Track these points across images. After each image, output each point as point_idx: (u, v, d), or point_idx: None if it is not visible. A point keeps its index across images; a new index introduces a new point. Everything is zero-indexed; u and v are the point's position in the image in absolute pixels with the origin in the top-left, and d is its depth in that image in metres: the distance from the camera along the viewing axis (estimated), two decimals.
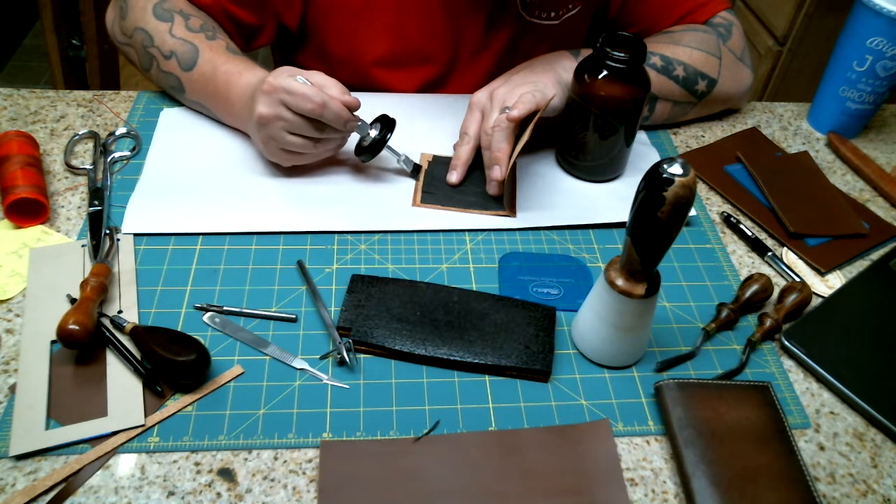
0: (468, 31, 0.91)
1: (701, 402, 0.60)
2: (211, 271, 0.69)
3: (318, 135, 0.73)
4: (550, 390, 0.62)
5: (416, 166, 0.81)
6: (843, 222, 0.81)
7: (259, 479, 0.55)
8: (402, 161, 0.80)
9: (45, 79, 2.47)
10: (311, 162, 0.78)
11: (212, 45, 0.81)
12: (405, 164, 0.80)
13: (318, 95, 0.70)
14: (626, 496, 0.55)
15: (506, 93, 0.77)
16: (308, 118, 0.71)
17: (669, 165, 0.52)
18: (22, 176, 0.72)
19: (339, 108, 0.71)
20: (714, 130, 0.94)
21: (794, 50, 1.62)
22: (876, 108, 0.92)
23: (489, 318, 0.65)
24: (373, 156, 0.77)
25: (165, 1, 0.83)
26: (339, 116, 0.72)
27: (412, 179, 0.81)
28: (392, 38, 0.90)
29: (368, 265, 0.72)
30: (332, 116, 0.71)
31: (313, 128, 0.72)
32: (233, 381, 0.61)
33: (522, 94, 0.75)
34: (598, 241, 0.77)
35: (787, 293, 0.70)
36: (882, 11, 0.83)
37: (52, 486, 0.53)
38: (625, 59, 0.73)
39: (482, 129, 0.78)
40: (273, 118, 0.71)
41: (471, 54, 0.93)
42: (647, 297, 0.59)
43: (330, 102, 0.70)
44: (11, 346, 0.62)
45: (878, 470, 0.59)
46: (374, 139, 0.76)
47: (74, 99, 0.89)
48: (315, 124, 0.72)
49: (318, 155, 0.77)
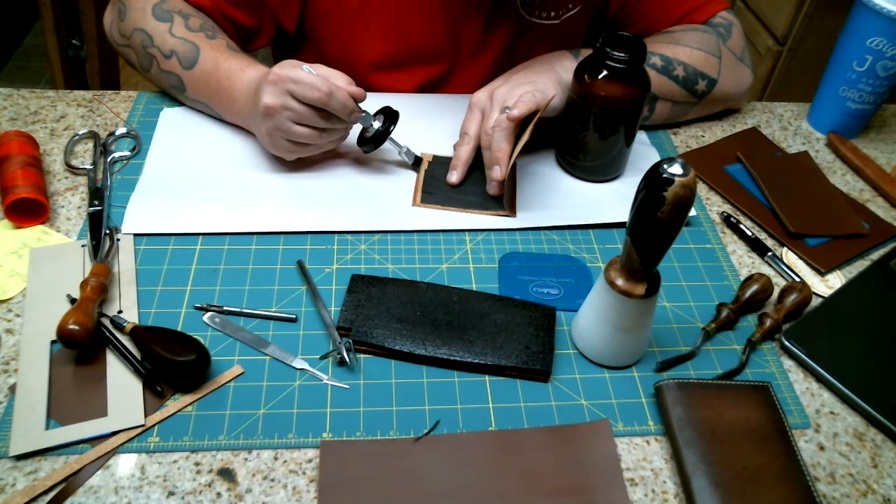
0: (467, 31, 0.91)
1: (701, 402, 0.60)
2: (211, 271, 0.69)
3: (324, 125, 0.73)
4: (550, 390, 0.62)
5: (417, 158, 0.81)
6: (843, 222, 0.81)
7: (259, 479, 0.55)
8: (403, 153, 0.80)
9: (45, 79, 2.47)
10: (314, 154, 0.78)
11: (212, 43, 0.81)
12: (406, 156, 0.81)
13: (325, 84, 0.70)
14: (626, 496, 0.55)
15: (506, 92, 0.77)
16: (314, 108, 0.71)
17: (669, 165, 0.52)
18: (22, 176, 0.72)
19: (345, 98, 0.72)
20: (714, 130, 0.94)
21: (794, 50, 1.62)
22: (876, 108, 0.92)
23: (489, 318, 0.65)
24: (376, 146, 0.78)
25: (164, 2, 0.83)
26: (345, 106, 0.72)
27: (412, 180, 0.81)
28: (390, 40, 0.90)
29: (368, 265, 0.72)
30: (339, 106, 0.72)
31: (319, 117, 0.72)
32: (233, 381, 0.61)
33: (523, 94, 0.75)
34: (598, 241, 0.77)
35: (787, 293, 0.70)
36: (882, 11, 0.83)
37: (52, 486, 0.53)
38: (625, 59, 0.73)
39: (482, 129, 0.78)
40: (280, 108, 0.71)
41: (470, 55, 0.93)
42: (647, 297, 0.59)
43: (336, 92, 0.71)
44: (11, 346, 0.62)
45: (878, 470, 0.59)
46: (377, 130, 0.77)
47: (74, 99, 0.89)
48: (321, 114, 0.72)
49: (322, 147, 0.77)
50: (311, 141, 0.74)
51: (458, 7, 0.88)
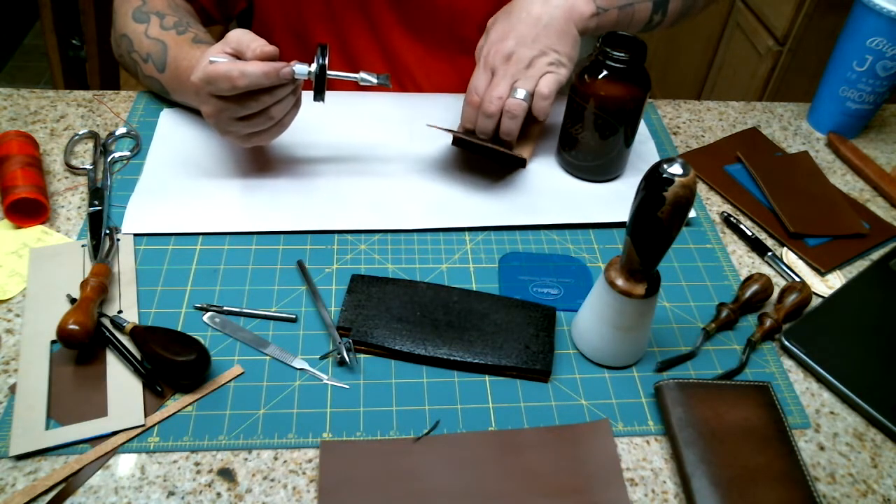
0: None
1: (701, 402, 0.60)
2: (211, 271, 0.69)
3: (261, 105, 0.68)
4: (550, 390, 0.62)
5: (380, 76, 0.72)
6: (843, 222, 0.81)
7: (259, 479, 0.55)
8: (361, 80, 0.72)
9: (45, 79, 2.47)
10: (289, 125, 0.74)
11: (179, 39, 0.78)
12: (366, 81, 0.72)
13: (233, 69, 0.65)
14: (626, 496, 0.55)
15: (523, 61, 0.74)
16: (243, 94, 0.67)
17: (669, 165, 0.52)
18: (22, 176, 0.72)
19: (258, 67, 0.66)
20: (714, 130, 0.94)
21: (794, 50, 1.62)
22: (876, 108, 0.92)
23: (489, 318, 0.65)
24: (321, 89, 0.71)
25: (145, 4, 0.81)
26: (263, 74, 0.66)
27: (412, 180, 0.81)
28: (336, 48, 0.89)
29: (368, 265, 0.72)
30: (256, 78, 0.66)
31: (253, 99, 0.68)
32: (233, 381, 0.61)
33: (543, 79, 0.74)
34: (598, 241, 0.77)
35: (787, 293, 0.70)
36: (882, 11, 0.83)
37: (52, 486, 0.53)
38: (625, 59, 0.73)
39: (491, 94, 0.75)
40: (215, 113, 0.69)
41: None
42: (647, 297, 0.59)
43: (246, 67, 0.66)
44: (11, 346, 0.62)
45: (878, 470, 0.59)
46: (314, 73, 0.70)
47: (74, 99, 0.89)
48: (253, 95, 0.68)
49: (283, 123, 0.73)
50: (266, 122, 0.70)
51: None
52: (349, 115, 0.89)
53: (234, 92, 0.67)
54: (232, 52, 0.68)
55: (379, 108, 0.91)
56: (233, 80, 0.66)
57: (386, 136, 0.86)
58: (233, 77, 0.66)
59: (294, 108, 0.73)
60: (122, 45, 0.83)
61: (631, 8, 0.80)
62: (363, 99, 0.91)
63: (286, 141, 0.83)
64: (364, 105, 0.91)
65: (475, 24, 0.91)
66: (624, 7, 0.79)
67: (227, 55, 0.68)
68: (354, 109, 0.90)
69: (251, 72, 0.66)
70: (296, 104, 0.73)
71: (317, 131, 0.85)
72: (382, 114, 0.89)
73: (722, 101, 1.00)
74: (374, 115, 0.89)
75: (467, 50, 0.88)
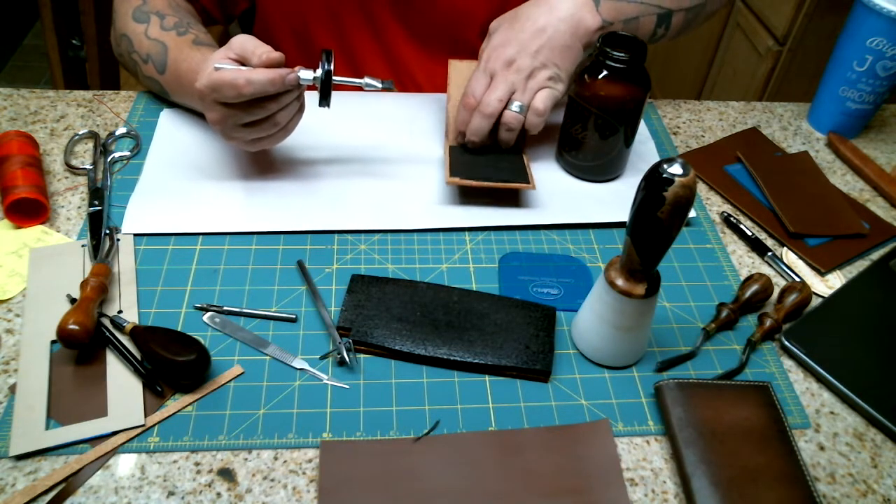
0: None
1: (701, 402, 0.60)
2: (211, 271, 0.69)
3: (266, 112, 0.69)
4: (550, 390, 0.62)
5: (384, 81, 0.72)
6: (843, 222, 0.81)
7: (259, 479, 0.55)
8: (366, 85, 0.72)
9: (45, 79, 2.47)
10: (293, 130, 0.74)
11: (179, 41, 0.78)
12: (371, 86, 0.72)
13: (239, 77, 0.65)
14: (626, 496, 0.55)
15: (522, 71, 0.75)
16: (248, 101, 0.68)
17: (669, 165, 0.52)
18: (22, 176, 0.72)
19: (263, 75, 0.66)
20: (714, 130, 0.94)
21: (794, 50, 1.62)
22: (876, 108, 0.92)
23: (489, 318, 0.65)
24: (326, 95, 0.71)
25: (145, 3, 0.81)
26: (269, 81, 0.66)
27: (412, 180, 0.81)
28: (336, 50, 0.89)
29: (368, 265, 0.72)
30: (261, 86, 0.66)
31: (258, 106, 0.68)
32: (233, 381, 0.61)
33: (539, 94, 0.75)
34: (598, 241, 0.77)
35: (787, 293, 0.70)
36: (882, 11, 0.83)
37: (52, 486, 0.53)
38: (625, 59, 0.73)
39: (489, 97, 0.75)
40: (220, 119, 0.69)
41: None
42: (647, 297, 0.59)
43: (251, 75, 0.66)
44: (11, 346, 0.62)
45: (878, 470, 0.59)
46: (319, 78, 0.70)
47: (74, 99, 0.89)
48: (258, 102, 0.68)
49: (288, 128, 0.73)
50: (269, 131, 0.71)
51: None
52: (349, 115, 0.89)
53: (240, 99, 0.67)
54: (236, 57, 0.68)
55: (379, 108, 0.91)
56: (238, 88, 0.66)
57: (386, 136, 0.86)
58: (238, 85, 0.66)
59: (298, 113, 0.74)
60: (123, 44, 0.83)
61: (636, 21, 0.81)
62: (363, 99, 0.91)
63: (286, 141, 0.82)
64: (364, 105, 0.91)
65: (476, 27, 0.92)
66: (629, 21, 0.80)
67: (232, 61, 0.68)
68: (355, 110, 0.90)
69: (257, 79, 0.66)
70: (300, 109, 0.74)
71: (317, 131, 0.85)
72: (383, 114, 0.90)
73: (722, 101, 1.00)
74: (375, 116, 0.89)
75: (468, 51, 0.89)
